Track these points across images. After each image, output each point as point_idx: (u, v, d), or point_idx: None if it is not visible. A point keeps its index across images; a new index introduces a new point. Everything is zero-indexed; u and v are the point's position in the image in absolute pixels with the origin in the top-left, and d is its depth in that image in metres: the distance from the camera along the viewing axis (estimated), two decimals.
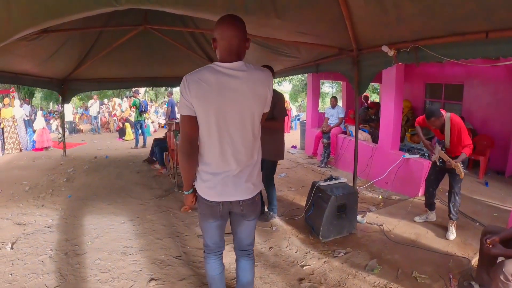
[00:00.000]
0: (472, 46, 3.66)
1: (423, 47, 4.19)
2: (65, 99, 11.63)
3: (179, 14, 4.66)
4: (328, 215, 5.06)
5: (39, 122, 14.30)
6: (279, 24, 4.60)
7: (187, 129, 2.63)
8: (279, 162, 5.86)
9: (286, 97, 22.06)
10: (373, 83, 21.47)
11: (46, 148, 13.90)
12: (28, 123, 15.87)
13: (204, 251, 3.23)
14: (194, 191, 2.88)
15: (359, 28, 4.65)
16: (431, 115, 5.21)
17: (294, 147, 13.56)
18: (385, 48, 4.57)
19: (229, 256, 3.81)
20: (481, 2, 3.07)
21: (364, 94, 14.47)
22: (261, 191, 5.78)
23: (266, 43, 6.30)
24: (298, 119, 18.79)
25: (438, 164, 5.40)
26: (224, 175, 2.70)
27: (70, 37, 7.08)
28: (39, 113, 15.89)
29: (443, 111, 5.28)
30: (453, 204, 5.32)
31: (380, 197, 7.32)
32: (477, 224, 5.78)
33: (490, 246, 3.46)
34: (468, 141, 5.10)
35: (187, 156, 2.67)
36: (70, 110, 20.10)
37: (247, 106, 2.60)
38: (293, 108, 21.36)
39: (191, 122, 2.60)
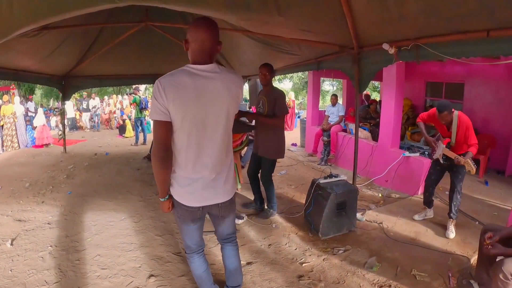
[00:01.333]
0: (473, 44, 3.66)
1: (424, 45, 4.19)
2: (66, 96, 11.68)
3: (180, 10, 4.66)
4: (327, 213, 5.06)
5: (40, 119, 14.27)
6: (281, 22, 4.59)
7: (161, 135, 2.58)
8: (279, 160, 5.87)
9: (292, 95, 22.05)
10: (373, 82, 21.49)
11: (46, 145, 13.90)
12: (32, 119, 15.90)
13: (186, 252, 3.27)
14: (170, 197, 2.85)
15: (360, 26, 4.64)
16: (444, 109, 5.07)
17: (294, 144, 13.58)
18: (385, 46, 4.57)
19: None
20: (483, 1, 3.06)
21: (365, 93, 14.49)
22: (260, 188, 5.85)
23: (267, 40, 6.29)
24: (299, 117, 18.77)
25: (441, 161, 5.38)
26: (203, 179, 2.73)
27: (71, 33, 7.07)
28: (40, 110, 15.87)
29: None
30: (454, 203, 5.33)
31: (380, 195, 7.33)
32: (477, 223, 5.78)
33: (490, 247, 3.46)
34: (475, 140, 5.06)
35: (162, 161, 2.61)
36: (71, 107, 20.13)
37: (224, 107, 2.65)
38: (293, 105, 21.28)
39: (166, 127, 2.56)
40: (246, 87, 16.35)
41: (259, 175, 5.92)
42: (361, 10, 4.16)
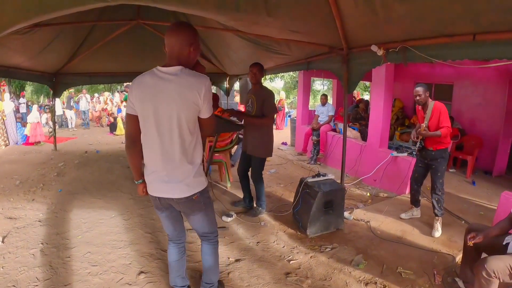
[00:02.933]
0: (459, 48, 3.72)
1: (411, 48, 4.24)
2: (56, 93, 11.62)
3: (171, 10, 4.69)
4: (315, 211, 5.13)
5: (34, 116, 14.06)
6: (270, 22, 4.63)
7: (128, 127, 2.93)
8: (268, 158, 5.93)
9: (283, 94, 22.07)
10: (365, 82, 21.54)
11: (37, 142, 13.74)
12: (23, 116, 15.75)
13: None
14: (144, 181, 3.07)
15: (349, 27, 4.70)
16: (420, 85, 5.42)
17: (284, 143, 13.63)
18: (374, 48, 4.62)
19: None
20: (468, 5, 3.12)
21: (357, 95, 14.58)
22: (249, 187, 5.89)
23: (257, 40, 6.32)
24: (289, 116, 18.80)
25: (419, 145, 5.57)
26: (155, 173, 2.90)
27: (62, 31, 7.06)
28: (35, 106, 15.62)
29: (430, 98, 5.46)
30: (436, 199, 5.42)
31: (368, 194, 7.42)
32: (463, 222, 5.85)
33: (472, 244, 3.54)
34: (447, 123, 5.24)
35: (129, 150, 2.97)
36: (59, 104, 20.00)
37: (175, 110, 2.68)
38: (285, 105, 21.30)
39: (132, 120, 2.84)
40: (237, 86, 16.33)
41: (249, 173, 5.99)
42: (349, 12, 4.20)
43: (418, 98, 5.41)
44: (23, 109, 18.36)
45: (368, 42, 4.74)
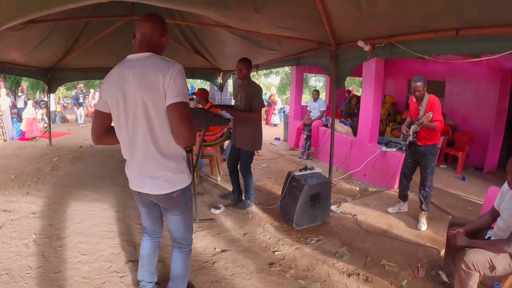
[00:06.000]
0: (443, 43, 3.81)
1: (397, 43, 4.33)
2: (51, 89, 11.67)
3: (162, 6, 4.75)
4: (301, 204, 5.21)
5: (29, 112, 14.03)
6: (259, 19, 4.71)
7: (93, 123, 2.75)
8: (261, 152, 5.98)
9: (273, 90, 22.14)
10: (360, 78, 21.60)
11: (33, 138, 13.69)
12: (19, 112, 15.71)
13: None
14: None
15: (336, 23, 4.78)
16: (419, 79, 5.47)
17: (277, 139, 13.79)
18: (360, 43, 4.71)
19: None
20: (451, 1, 3.22)
21: (348, 89, 14.64)
22: (239, 180, 5.95)
23: (248, 35, 6.40)
24: (283, 112, 18.89)
25: (411, 140, 5.58)
26: (132, 166, 2.78)
27: (57, 26, 7.08)
28: (30, 102, 15.57)
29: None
30: (424, 196, 5.52)
31: (357, 188, 7.51)
32: (450, 217, 5.89)
33: (455, 238, 3.59)
34: (440, 118, 5.30)
35: (99, 143, 2.82)
36: (53, 100, 19.90)
37: (139, 95, 2.49)
38: (278, 101, 21.35)
39: (98, 116, 2.72)
40: (230, 81, 16.40)
41: (238, 166, 6.09)
42: (335, 8, 4.29)
43: (417, 94, 5.49)
44: (20, 104, 18.28)
45: (355, 38, 4.82)
